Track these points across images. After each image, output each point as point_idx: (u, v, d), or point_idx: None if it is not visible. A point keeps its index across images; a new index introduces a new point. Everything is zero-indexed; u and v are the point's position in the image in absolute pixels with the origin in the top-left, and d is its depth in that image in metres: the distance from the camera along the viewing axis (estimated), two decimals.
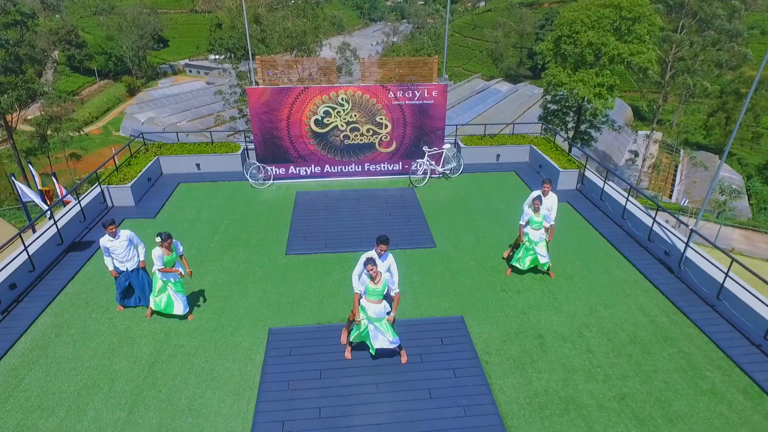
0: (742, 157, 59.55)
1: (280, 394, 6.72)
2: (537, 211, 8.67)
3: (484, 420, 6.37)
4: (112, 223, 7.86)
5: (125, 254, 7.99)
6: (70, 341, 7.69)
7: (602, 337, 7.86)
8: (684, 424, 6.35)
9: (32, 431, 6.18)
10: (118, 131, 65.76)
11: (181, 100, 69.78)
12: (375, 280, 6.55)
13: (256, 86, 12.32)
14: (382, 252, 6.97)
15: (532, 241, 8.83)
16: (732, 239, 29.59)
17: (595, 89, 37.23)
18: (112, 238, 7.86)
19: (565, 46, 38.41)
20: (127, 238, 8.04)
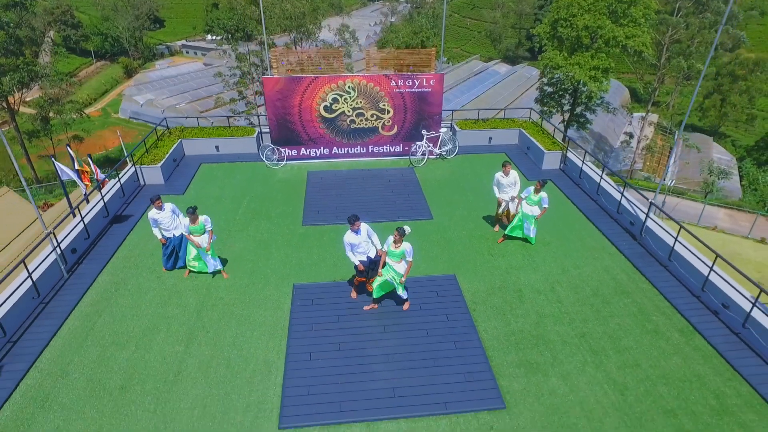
0: (737, 138, 61.11)
1: (306, 334, 8.44)
2: (507, 175, 10.37)
3: (470, 351, 8.10)
4: (158, 198, 9.46)
5: (170, 223, 9.60)
6: (128, 294, 9.37)
7: (571, 290, 9.58)
8: (629, 354, 8.11)
9: (111, 360, 7.89)
10: (117, 113, 66.53)
11: (179, 81, 70.45)
12: (396, 243, 8.20)
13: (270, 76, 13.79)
14: (356, 227, 8.52)
15: (526, 215, 10.48)
16: (717, 218, 31.33)
17: (590, 72, 38.43)
18: (159, 211, 9.46)
19: (562, 29, 39.54)
20: (171, 209, 9.64)
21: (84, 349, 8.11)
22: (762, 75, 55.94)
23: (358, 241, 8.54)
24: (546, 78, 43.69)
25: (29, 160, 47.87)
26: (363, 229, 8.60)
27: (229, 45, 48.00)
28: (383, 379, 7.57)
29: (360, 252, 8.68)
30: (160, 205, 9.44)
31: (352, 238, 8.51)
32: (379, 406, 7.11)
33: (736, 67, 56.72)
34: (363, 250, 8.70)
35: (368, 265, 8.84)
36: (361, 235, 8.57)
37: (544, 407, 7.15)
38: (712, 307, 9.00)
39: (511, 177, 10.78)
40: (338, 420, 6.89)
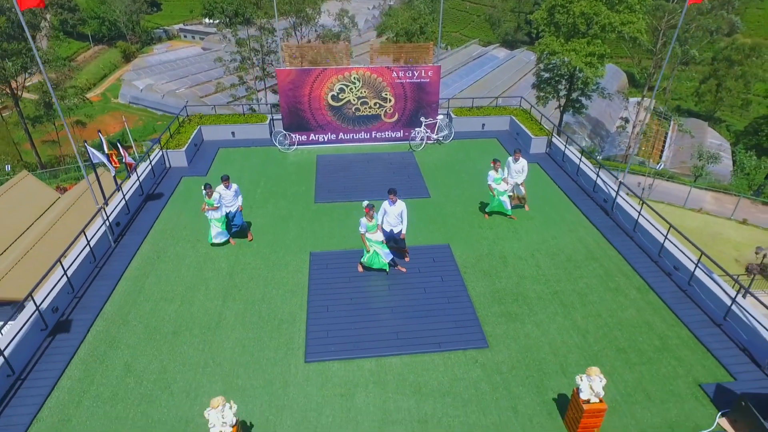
0: (732, 123, 62.62)
1: (323, 291, 10.18)
2: (496, 171, 11.97)
3: (460, 305, 9.86)
4: (228, 178, 11.00)
5: (231, 200, 11.17)
6: (169, 261, 11.09)
7: (548, 257, 11.34)
8: (593, 307, 9.88)
9: (162, 312, 9.64)
10: (116, 98, 67.53)
11: (178, 66, 71.28)
12: (369, 217, 9.88)
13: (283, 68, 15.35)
14: (393, 200, 10.25)
15: (499, 192, 12.17)
16: (704, 201, 33.09)
17: (586, 58, 39.76)
18: (226, 189, 11.03)
19: (559, 16, 40.79)
20: (235, 189, 11.20)
21: (138, 303, 9.85)
22: (758, 60, 57.21)
23: (390, 211, 10.21)
24: (543, 64, 44.93)
25: (33, 145, 49.02)
26: (398, 205, 10.23)
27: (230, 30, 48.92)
28: (388, 325, 9.34)
29: (388, 221, 10.32)
30: (228, 184, 11.03)
31: (386, 206, 10.22)
32: (385, 345, 8.88)
33: (732, 52, 57.94)
34: (391, 222, 10.34)
35: (387, 236, 10.48)
36: (395, 208, 10.22)
37: (520, 346, 8.93)
38: (666, 269, 10.76)
39: (520, 163, 12.33)
40: (353, 356, 8.66)
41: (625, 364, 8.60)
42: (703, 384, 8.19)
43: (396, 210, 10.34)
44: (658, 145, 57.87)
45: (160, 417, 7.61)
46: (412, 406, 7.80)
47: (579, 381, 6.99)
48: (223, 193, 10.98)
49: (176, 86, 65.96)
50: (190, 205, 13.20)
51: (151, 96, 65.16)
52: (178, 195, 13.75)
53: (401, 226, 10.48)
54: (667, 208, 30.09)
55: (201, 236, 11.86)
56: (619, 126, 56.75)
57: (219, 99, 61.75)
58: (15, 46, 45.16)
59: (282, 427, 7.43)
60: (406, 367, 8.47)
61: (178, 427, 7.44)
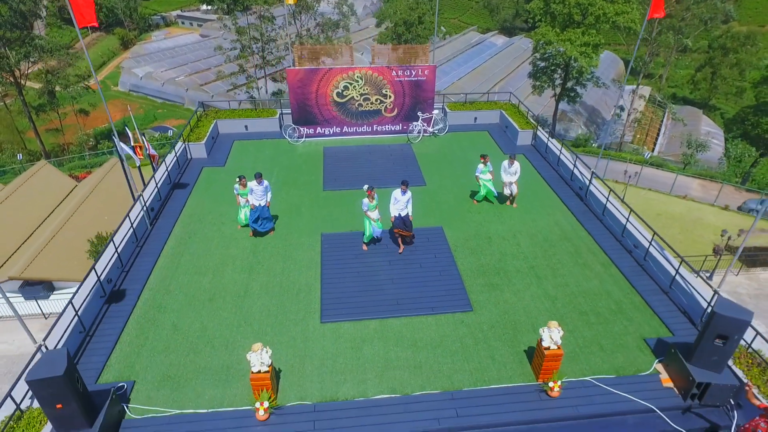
0: (726, 111, 64.34)
1: (334, 265, 12.14)
2: (484, 164, 13.83)
3: (450, 277, 11.83)
4: (260, 175, 12.65)
5: (261, 195, 12.92)
6: (199, 241, 13.02)
7: (527, 237, 13.29)
8: (562, 278, 11.85)
9: (197, 283, 11.58)
10: (116, 86, 68.74)
11: (177, 54, 72.40)
12: (371, 198, 11.80)
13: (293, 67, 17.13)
14: (404, 190, 12.10)
15: (485, 181, 14.08)
16: (690, 188, 35.04)
17: (581, 48, 41.33)
18: (258, 184, 12.76)
19: (555, 6, 42.30)
20: (266, 185, 12.93)
21: (177, 276, 11.80)
22: (752, 48, 58.74)
23: (400, 198, 12.07)
24: (539, 53, 46.41)
25: (37, 134, 50.36)
26: (408, 193, 12.10)
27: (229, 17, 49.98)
28: (389, 293, 11.31)
29: (397, 207, 12.20)
30: (261, 180, 12.78)
31: (398, 194, 12.08)
32: (387, 309, 10.85)
33: (727, 40, 59.40)
34: (400, 207, 12.21)
35: (398, 220, 12.34)
36: (405, 196, 12.08)
37: (499, 310, 10.92)
38: (627, 247, 12.74)
39: (514, 167, 14.06)
40: (360, 317, 10.64)
41: (585, 323, 10.59)
42: (647, 338, 10.19)
43: (405, 198, 12.19)
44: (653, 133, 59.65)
45: (205, 364, 9.59)
46: (409, 355, 9.79)
47: (542, 332, 8.96)
48: (254, 188, 12.69)
49: (176, 74, 67.09)
50: (211, 193, 15.11)
51: (151, 84, 66.33)
52: (200, 183, 15.64)
53: (407, 210, 12.34)
54: (653, 194, 32.05)
55: (225, 219, 13.79)
56: (614, 114, 58.40)
57: (219, 87, 63.11)
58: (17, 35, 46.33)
59: (305, 371, 9.42)
60: (404, 327, 10.46)
61: (221, 372, 9.42)
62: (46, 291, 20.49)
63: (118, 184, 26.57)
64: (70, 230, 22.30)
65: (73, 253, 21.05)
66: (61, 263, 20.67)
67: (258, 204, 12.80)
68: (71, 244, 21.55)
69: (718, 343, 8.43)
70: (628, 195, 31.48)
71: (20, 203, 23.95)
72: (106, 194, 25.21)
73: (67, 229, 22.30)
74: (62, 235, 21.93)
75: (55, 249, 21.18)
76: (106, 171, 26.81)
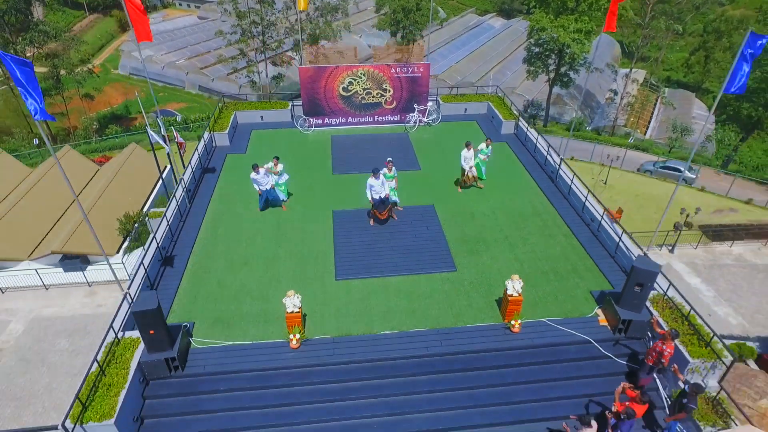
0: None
1: (344, 235, 15.20)
2: (468, 150, 16.77)
3: (439, 244, 14.91)
4: (257, 166, 15.62)
5: (276, 178, 15.93)
6: (231, 217, 16.04)
7: (504, 213, 16.34)
8: (530, 246, 14.93)
9: (234, 250, 14.64)
10: (116, 69, 70.78)
11: (176, 36, 74.22)
12: (389, 169, 14.81)
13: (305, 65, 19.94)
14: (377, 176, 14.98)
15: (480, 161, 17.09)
16: None
17: (573, 35, 43.79)
18: (275, 168, 15.70)
19: None
20: (282, 170, 15.93)
21: (216, 244, 14.86)
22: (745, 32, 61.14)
23: (376, 184, 15.03)
24: (533, 39, 48.78)
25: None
26: (381, 178, 15.07)
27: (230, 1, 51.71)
28: (389, 258, 14.38)
29: (375, 192, 15.18)
30: (276, 163, 15.74)
31: (373, 181, 15.02)
32: (387, 269, 13.92)
33: (721, 24, 61.79)
34: (378, 191, 15.20)
35: (378, 202, 15.34)
36: (379, 181, 15.07)
37: (477, 270, 14.01)
38: (586, 221, 15.81)
39: (470, 152, 17.01)
40: (367, 276, 13.71)
41: (545, 280, 13.70)
42: (592, 291, 13.31)
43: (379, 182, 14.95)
44: (646, 116, 62.34)
45: (247, 311, 12.68)
46: (405, 304, 12.90)
47: (507, 284, 12.04)
48: (271, 171, 15.71)
49: (175, 57, 69.02)
50: (237, 176, 18.09)
51: (151, 67, 68.15)
52: (226, 168, 18.61)
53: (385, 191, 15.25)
54: (635, 176, 35.06)
55: (251, 199, 16.77)
56: (608, 98, 61.03)
57: (219, 70, 65.34)
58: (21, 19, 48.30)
59: (324, 315, 12.53)
60: (401, 283, 13.55)
61: (259, 316, 12.52)
62: (83, 264, 23.51)
63: (138, 169, 29.48)
64: (100, 210, 25.23)
65: (105, 231, 24.02)
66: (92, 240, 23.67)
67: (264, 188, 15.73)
68: (102, 222, 24.51)
69: (637, 290, 11.54)
70: (612, 177, 34.54)
71: (51, 185, 26.84)
72: (128, 178, 28.10)
73: (98, 209, 25.23)
74: (93, 214, 24.83)
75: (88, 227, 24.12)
76: (126, 156, 29.64)
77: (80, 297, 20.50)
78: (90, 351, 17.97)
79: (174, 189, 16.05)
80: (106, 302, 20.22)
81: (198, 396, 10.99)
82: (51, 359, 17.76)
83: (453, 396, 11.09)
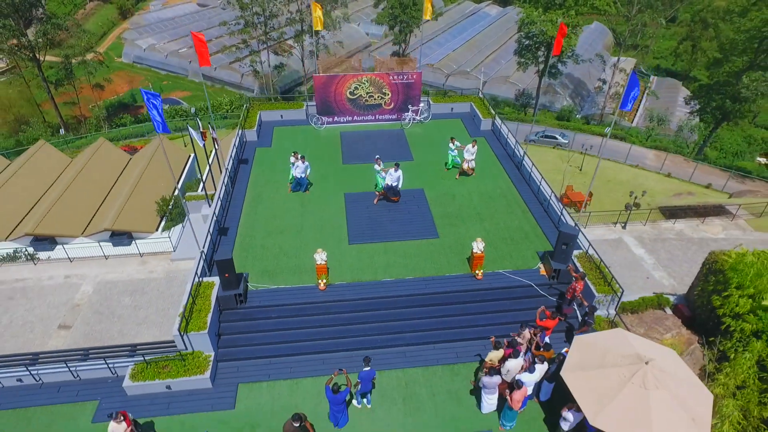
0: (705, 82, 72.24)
1: (355, 212, 20.83)
2: (452, 143, 22.32)
3: (425, 218, 20.56)
4: (296, 153, 21.16)
5: (302, 169, 21.44)
6: (266, 198, 21.61)
7: (478, 196, 21.96)
8: (495, 220, 20.59)
9: (272, 223, 20.25)
10: (120, 57, 75.34)
11: (177, 25, 78.85)
12: (378, 163, 20.37)
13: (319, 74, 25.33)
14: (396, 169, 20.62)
15: (452, 157, 22.63)
16: (646, 158, 43.61)
17: None
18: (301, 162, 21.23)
19: None
20: (306, 163, 21.44)
21: (257, 220, 20.44)
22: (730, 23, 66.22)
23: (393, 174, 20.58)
24: (523, 32, 53.82)
25: (57, 109, 57.36)
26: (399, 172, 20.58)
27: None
28: (389, 228, 20.02)
29: (382, 177, 20.74)
30: (298, 156, 21.22)
31: (392, 171, 20.57)
32: (387, 237, 19.56)
33: (708, 14, 66.88)
34: (383, 176, 20.75)
35: (387, 188, 20.85)
36: (397, 173, 20.59)
37: (455, 237, 19.64)
38: (539, 200, 21.42)
39: (475, 147, 22.52)
40: (371, 241, 19.33)
41: (504, 244, 19.34)
42: (538, 251, 18.94)
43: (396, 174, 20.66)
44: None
45: (285, 264, 18.30)
46: (401, 260, 18.53)
47: (473, 244, 17.64)
48: (298, 164, 21.21)
49: (178, 46, 73.62)
50: (266, 166, 23.57)
51: (154, 56, 72.89)
52: (257, 159, 24.10)
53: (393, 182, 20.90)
54: (610, 164, 40.63)
55: (280, 185, 22.26)
56: (597, 87, 66.32)
57: (221, 59, 70.12)
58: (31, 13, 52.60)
59: (342, 268, 18.15)
60: (399, 246, 19.19)
61: (295, 269, 18.14)
62: (128, 239, 29.04)
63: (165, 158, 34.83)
64: (138, 193, 30.68)
65: (145, 212, 29.51)
66: (136, 219, 29.15)
67: (300, 175, 21.32)
68: (140, 204, 30.00)
69: (564, 248, 17.16)
70: (587, 164, 40.11)
71: (92, 173, 32.24)
72: (158, 166, 33.49)
73: (137, 193, 30.67)
74: (134, 198, 30.32)
75: (131, 208, 29.61)
76: (155, 147, 34.98)
77: (134, 265, 26.04)
78: (149, 306, 23.61)
79: (222, 175, 21.56)
80: (156, 269, 25.78)
81: (256, 320, 16.65)
82: (119, 312, 23.35)
83: (432, 322, 16.78)
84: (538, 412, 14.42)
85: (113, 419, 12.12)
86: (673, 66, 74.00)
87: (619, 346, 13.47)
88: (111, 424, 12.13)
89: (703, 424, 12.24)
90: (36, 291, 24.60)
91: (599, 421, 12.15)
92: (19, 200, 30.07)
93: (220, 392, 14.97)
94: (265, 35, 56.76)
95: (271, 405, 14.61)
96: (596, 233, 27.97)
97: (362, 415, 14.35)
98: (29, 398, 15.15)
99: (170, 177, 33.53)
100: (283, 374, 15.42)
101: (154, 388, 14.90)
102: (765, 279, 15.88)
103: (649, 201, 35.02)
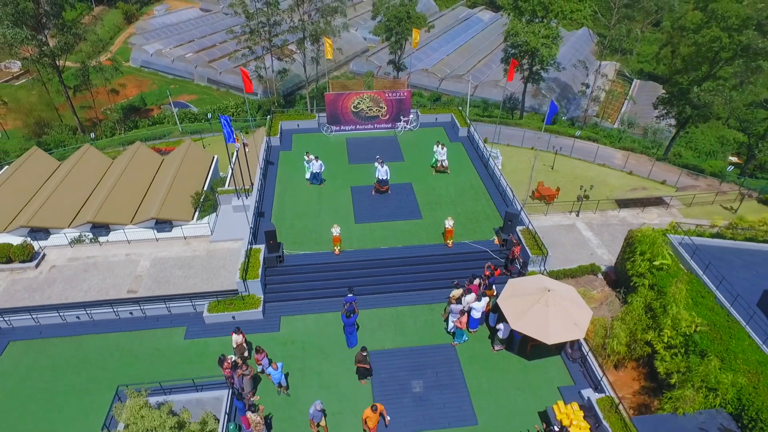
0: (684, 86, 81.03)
1: (360, 203, 29.46)
2: (437, 146, 30.99)
3: (412, 205, 29.29)
4: (308, 153, 29.78)
5: (317, 166, 30.02)
6: (291, 191, 30.28)
7: (453, 188, 30.69)
8: (464, 205, 29.27)
9: (296, 208, 28.93)
10: (127, 61, 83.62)
11: (182, 30, 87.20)
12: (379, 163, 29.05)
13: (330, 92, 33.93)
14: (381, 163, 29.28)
15: (436, 159, 31.30)
16: (614, 157, 52.22)
17: (542, 40, 57.38)
18: (314, 160, 29.86)
19: (522, 3, 58.14)
20: (320, 161, 30.03)
21: (285, 207, 29.06)
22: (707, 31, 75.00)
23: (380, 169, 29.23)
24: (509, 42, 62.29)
25: (74, 112, 65.43)
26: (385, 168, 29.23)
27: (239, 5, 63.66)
28: (385, 212, 28.75)
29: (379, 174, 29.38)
30: (311, 156, 29.82)
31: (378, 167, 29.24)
32: (383, 218, 28.28)
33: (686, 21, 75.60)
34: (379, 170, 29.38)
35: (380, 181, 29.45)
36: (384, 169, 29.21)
37: (434, 218, 28.34)
38: (500, 191, 30.03)
39: (444, 149, 31.14)
40: (372, 221, 27.99)
41: (470, 223, 27.98)
42: (495, 228, 27.52)
43: (383, 169, 29.27)
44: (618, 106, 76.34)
45: (309, 237, 26.98)
46: (393, 234, 27.22)
47: (445, 222, 26.19)
48: (314, 161, 29.82)
49: (184, 51, 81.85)
50: (289, 166, 32.17)
51: (161, 60, 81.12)
52: (281, 161, 32.66)
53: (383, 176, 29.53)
54: (579, 163, 49.25)
55: (300, 181, 30.82)
56: (580, 91, 75.06)
57: (225, 64, 78.51)
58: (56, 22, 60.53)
59: (351, 239, 26.77)
60: (391, 225, 27.88)
61: (315, 240, 26.79)
62: (169, 226, 37.51)
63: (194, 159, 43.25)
64: (176, 188, 39.15)
65: (182, 203, 37.98)
66: (176, 209, 37.64)
67: (316, 171, 29.98)
68: (179, 198, 38.49)
69: (509, 223, 25.75)
70: (559, 163, 48.75)
71: (134, 172, 40.74)
72: (188, 165, 41.97)
73: (174, 188, 39.14)
74: (172, 192, 38.79)
75: (170, 200, 38.09)
76: (186, 149, 43.45)
77: (180, 246, 34.48)
78: (195, 276, 32.08)
79: (258, 173, 30.08)
80: (198, 249, 34.24)
81: (291, 275, 25.16)
82: (173, 281, 31.77)
83: (415, 276, 25.38)
84: (485, 331, 23.00)
85: (234, 333, 20.55)
86: (655, 70, 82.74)
87: (535, 283, 22.08)
88: (233, 336, 20.52)
89: (582, 327, 20.81)
90: (105, 265, 33.04)
91: (518, 326, 20.70)
92: (76, 194, 38.57)
93: (268, 321, 23.51)
94: (269, 41, 64.56)
95: (303, 329, 23.16)
96: (554, 220, 36.53)
97: (366, 336, 22.87)
98: (139, 324, 23.67)
99: (200, 175, 42.10)
100: (311, 310, 23.98)
101: (223, 318, 23.40)
102: (656, 246, 24.57)
103: (608, 194, 43.61)
